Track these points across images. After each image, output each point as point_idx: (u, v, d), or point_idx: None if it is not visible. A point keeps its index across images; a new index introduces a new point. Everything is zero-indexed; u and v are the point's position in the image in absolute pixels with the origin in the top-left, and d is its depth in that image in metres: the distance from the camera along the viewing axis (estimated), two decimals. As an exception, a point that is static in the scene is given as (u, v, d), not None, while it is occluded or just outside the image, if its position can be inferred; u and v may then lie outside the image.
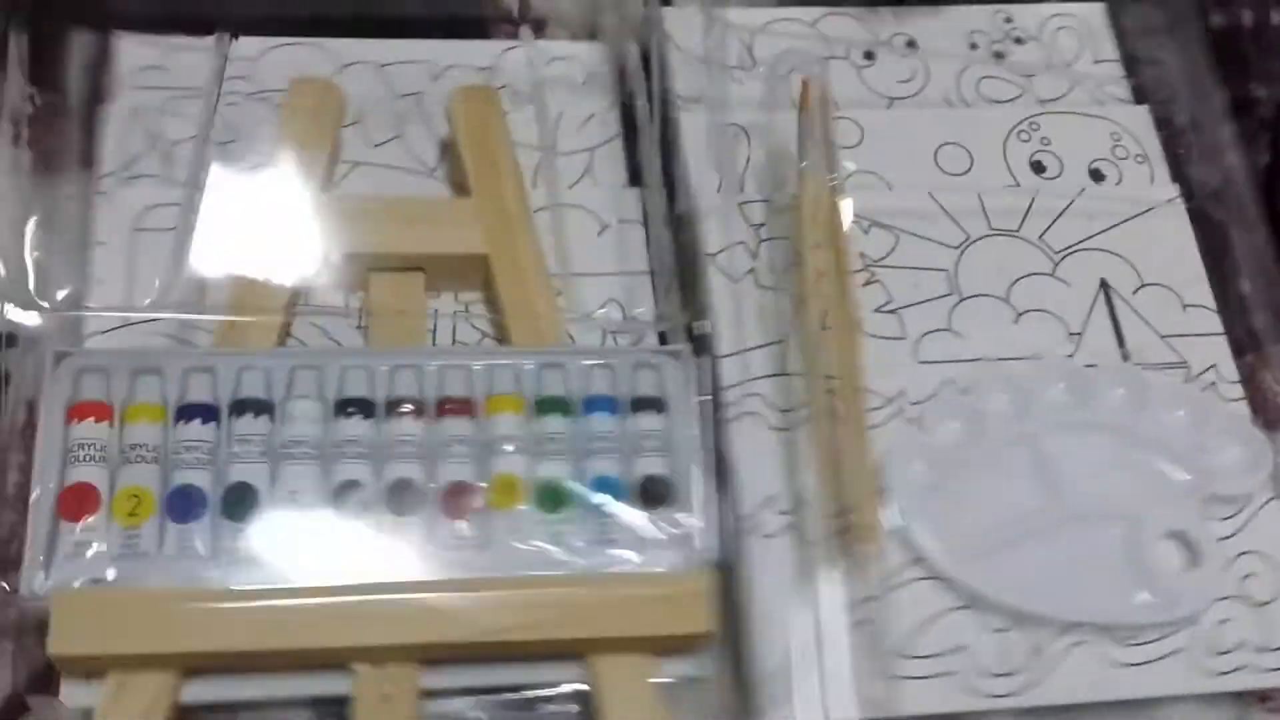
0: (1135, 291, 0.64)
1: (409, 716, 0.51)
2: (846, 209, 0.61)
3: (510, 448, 0.55)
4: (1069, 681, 0.55)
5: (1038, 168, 0.67)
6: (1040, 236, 0.65)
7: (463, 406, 0.55)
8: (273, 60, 0.66)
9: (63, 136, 0.62)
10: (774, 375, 0.59)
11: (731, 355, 0.59)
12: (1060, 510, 0.58)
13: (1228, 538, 0.59)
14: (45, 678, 0.51)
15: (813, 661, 0.54)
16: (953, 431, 0.59)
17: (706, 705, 0.54)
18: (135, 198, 0.61)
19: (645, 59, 0.67)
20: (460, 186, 0.62)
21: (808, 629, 0.54)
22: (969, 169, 0.66)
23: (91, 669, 0.51)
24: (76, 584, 0.51)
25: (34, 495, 0.52)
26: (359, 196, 0.62)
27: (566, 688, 0.53)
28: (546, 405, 0.56)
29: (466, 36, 0.68)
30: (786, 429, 0.58)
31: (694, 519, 0.54)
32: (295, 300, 0.59)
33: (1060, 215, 0.65)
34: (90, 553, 0.51)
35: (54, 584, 0.50)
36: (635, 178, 0.65)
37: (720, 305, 0.60)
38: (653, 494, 0.55)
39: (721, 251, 0.61)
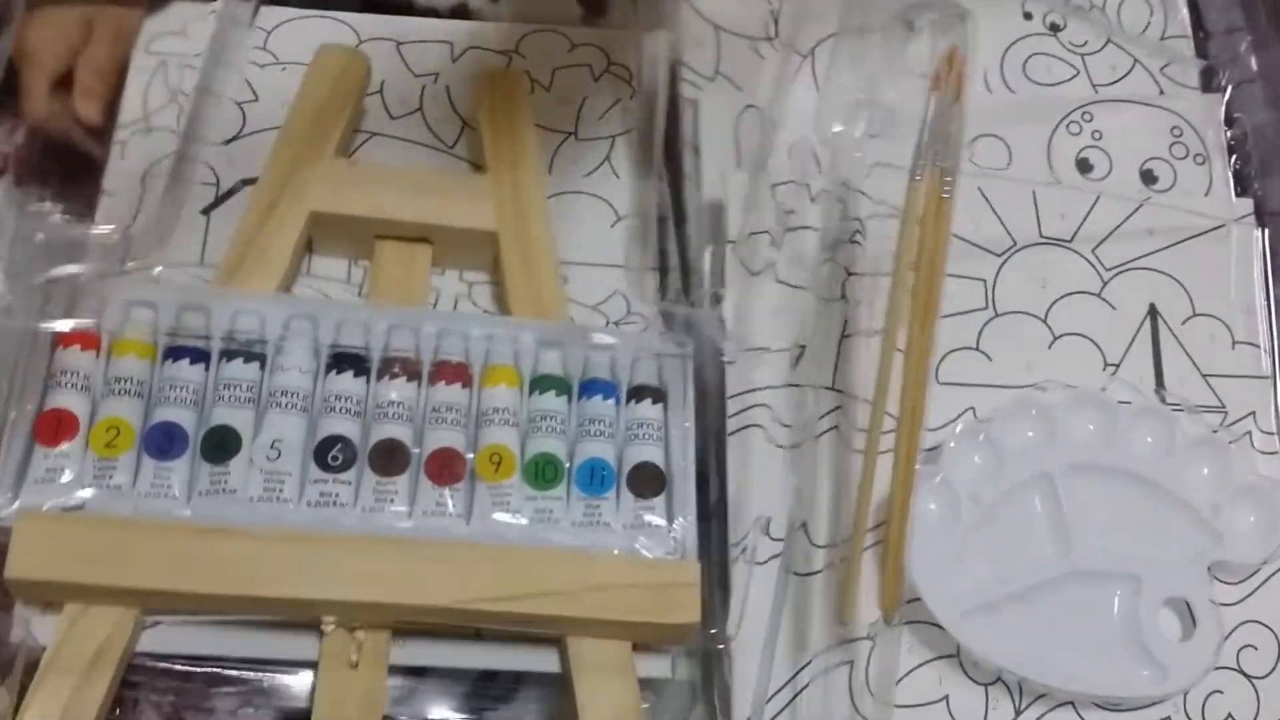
0: (1185, 321, 0.60)
1: (375, 686, 0.50)
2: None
3: (503, 420, 0.53)
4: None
5: (1084, 166, 0.62)
6: (1094, 249, 0.60)
7: (458, 372, 0.54)
8: (291, 32, 0.64)
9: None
10: (787, 386, 0.56)
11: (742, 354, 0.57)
12: (1067, 563, 0.55)
13: (1231, 604, 0.56)
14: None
15: (788, 704, 0.52)
16: (972, 467, 0.56)
17: (678, 710, 0.52)
18: (150, 149, 0.60)
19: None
20: (478, 166, 0.61)
21: (789, 664, 0.52)
22: (1007, 165, 0.62)
23: (49, 598, 0.49)
24: (45, 508, 0.49)
25: (11, 415, 0.50)
26: (373, 163, 0.61)
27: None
28: (543, 383, 0.54)
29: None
30: (791, 446, 0.55)
31: (683, 514, 0.53)
32: (298, 260, 0.57)
33: (1120, 225, 0.61)
34: (62, 479, 0.50)
35: (20, 507, 0.49)
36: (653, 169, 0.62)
37: (732, 301, 0.58)
38: (644, 483, 0.53)
39: (742, 239, 0.59)
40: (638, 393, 0.55)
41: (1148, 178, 0.63)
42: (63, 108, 0.61)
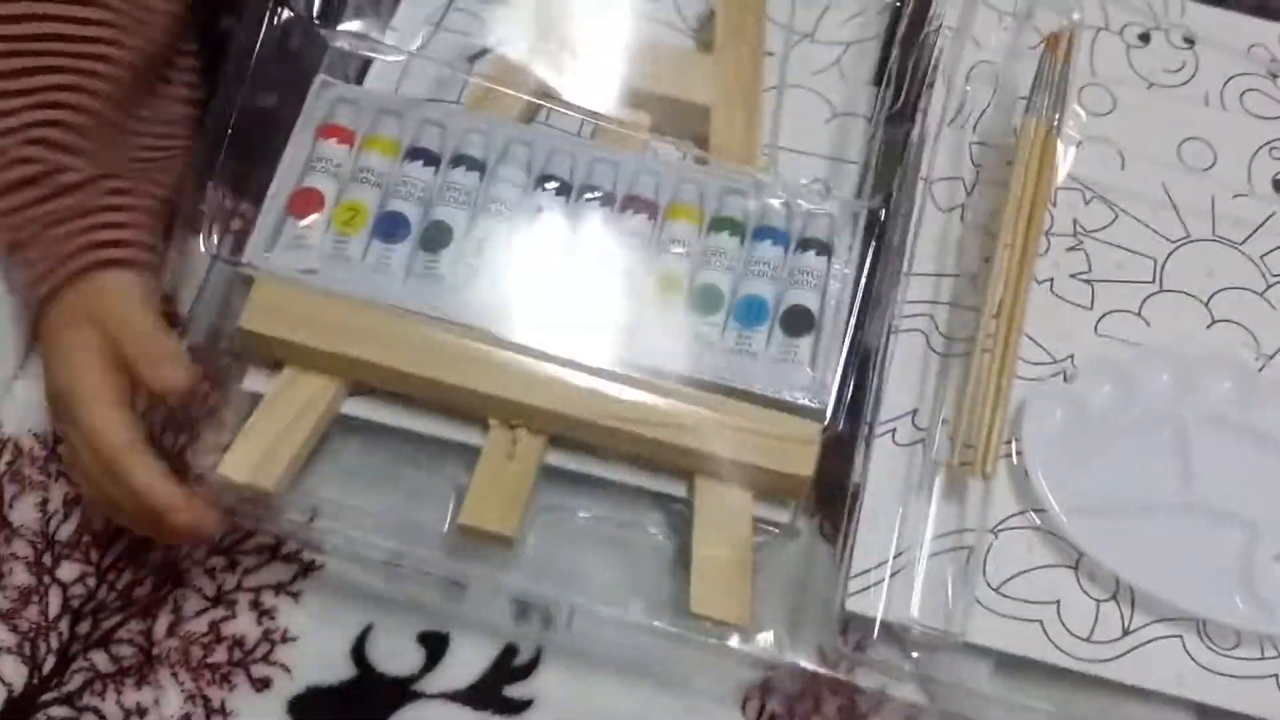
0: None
1: (526, 476, 0.57)
2: (1062, 156, 0.62)
3: (678, 251, 0.60)
4: (1154, 668, 0.56)
5: (1278, 186, 0.66)
6: (1263, 256, 0.64)
7: (644, 206, 0.61)
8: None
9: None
10: (949, 304, 0.61)
11: (919, 275, 0.62)
12: (1186, 496, 0.58)
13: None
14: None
15: (906, 567, 0.56)
16: (1103, 394, 0.59)
17: (792, 569, 0.58)
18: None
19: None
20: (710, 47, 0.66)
21: (911, 537, 0.57)
22: (1210, 166, 0.65)
23: (268, 356, 0.58)
24: (289, 269, 0.58)
25: (272, 189, 0.60)
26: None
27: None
28: (720, 224, 0.60)
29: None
30: (946, 355, 0.60)
31: (827, 359, 0.58)
32: (542, 90, 0.64)
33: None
34: (305, 247, 0.59)
35: (272, 262, 0.59)
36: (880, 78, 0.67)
37: (924, 228, 0.62)
38: (795, 324, 0.58)
39: (940, 180, 0.64)
40: (805, 244, 0.60)
41: None
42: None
